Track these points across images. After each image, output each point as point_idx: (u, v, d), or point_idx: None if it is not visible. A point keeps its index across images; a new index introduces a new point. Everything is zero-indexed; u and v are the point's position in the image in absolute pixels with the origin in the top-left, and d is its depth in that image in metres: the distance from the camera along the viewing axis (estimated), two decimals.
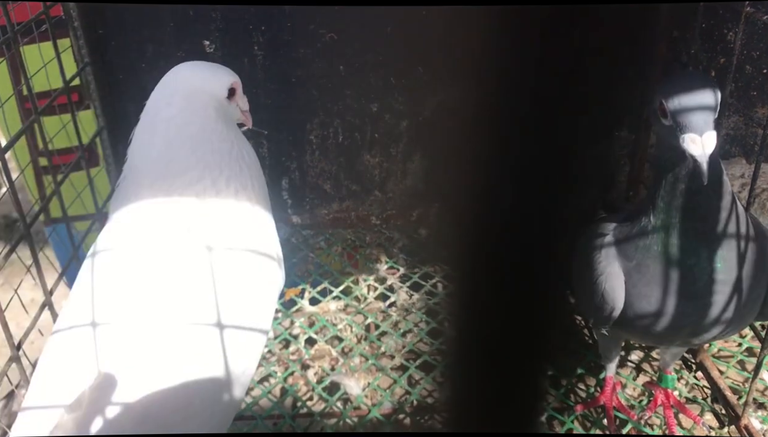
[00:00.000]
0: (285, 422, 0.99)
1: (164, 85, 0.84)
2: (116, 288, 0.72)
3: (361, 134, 1.29)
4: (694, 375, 1.06)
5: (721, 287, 0.77)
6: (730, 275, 0.76)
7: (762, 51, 1.19)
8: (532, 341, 0.31)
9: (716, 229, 0.76)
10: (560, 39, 0.23)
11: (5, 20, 0.91)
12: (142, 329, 0.68)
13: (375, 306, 1.19)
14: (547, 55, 0.23)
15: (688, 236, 0.76)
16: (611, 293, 0.81)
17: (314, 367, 1.08)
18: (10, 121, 1.22)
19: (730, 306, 0.78)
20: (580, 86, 0.24)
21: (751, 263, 0.78)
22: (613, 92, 0.24)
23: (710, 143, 0.70)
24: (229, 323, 0.70)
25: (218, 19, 1.20)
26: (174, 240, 0.73)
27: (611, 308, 0.82)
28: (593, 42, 0.23)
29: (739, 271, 0.77)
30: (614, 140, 1.22)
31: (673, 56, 1.20)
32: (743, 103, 1.23)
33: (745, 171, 1.27)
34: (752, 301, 0.80)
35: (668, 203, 0.77)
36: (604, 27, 0.22)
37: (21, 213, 0.90)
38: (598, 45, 0.23)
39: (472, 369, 0.32)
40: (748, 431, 0.94)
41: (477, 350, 0.31)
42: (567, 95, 0.24)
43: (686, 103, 0.71)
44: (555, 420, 0.98)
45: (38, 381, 0.70)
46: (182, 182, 0.76)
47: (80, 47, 1.17)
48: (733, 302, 0.78)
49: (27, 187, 1.40)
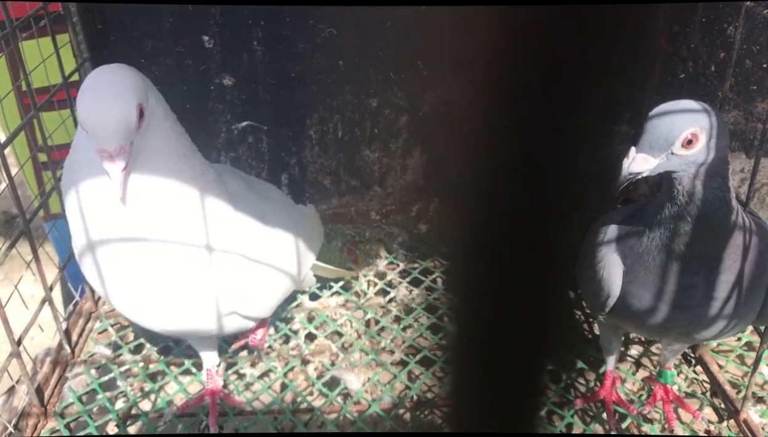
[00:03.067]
0: (285, 417, 0.99)
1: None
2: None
3: (360, 130, 1.29)
4: (694, 369, 1.06)
5: (714, 301, 0.77)
6: (724, 291, 0.77)
7: (762, 46, 1.19)
8: (532, 336, 0.31)
9: (710, 252, 0.76)
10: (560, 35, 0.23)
11: (4, 16, 0.91)
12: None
13: (375, 302, 1.19)
14: (546, 50, 0.23)
15: (680, 258, 0.77)
16: (608, 279, 0.83)
17: (314, 362, 1.08)
18: (10, 117, 1.22)
19: (723, 313, 0.78)
20: (579, 81, 0.24)
21: (750, 272, 0.78)
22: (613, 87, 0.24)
23: (638, 165, 0.73)
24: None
25: (217, 15, 1.19)
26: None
27: (607, 294, 0.84)
28: (593, 37, 0.23)
29: (735, 285, 0.77)
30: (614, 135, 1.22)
31: (673, 51, 1.19)
32: (743, 97, 1.23)
33: (745, 166, 1.27)
34: (750, 307, 0.80)
35: (663, 223, 0.77)
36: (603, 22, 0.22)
37: (21, 209, 0.90)
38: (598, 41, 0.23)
39: (472, 364, 0.32)
40: (747, 425, 0.94)
41: (476, 345, 0.32)
42: (566, 90, 0.24)
43: (650, 118, 0.74)
44: (554, 415, 0.98)
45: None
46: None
47: (79, 43, 1.17)
48: (727, 309, 0.78)
49: (26, 183, 1.40)
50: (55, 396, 1.00)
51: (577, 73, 0.24)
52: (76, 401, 1.00)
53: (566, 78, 0.24)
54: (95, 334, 1.12)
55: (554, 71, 0.24)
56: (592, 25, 0.23)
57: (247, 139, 1.31)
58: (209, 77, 1.25)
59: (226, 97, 1.27)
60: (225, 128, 1.30)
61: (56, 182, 1.03)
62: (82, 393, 1.01)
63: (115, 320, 1.14)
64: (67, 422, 0.97)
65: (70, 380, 1.03)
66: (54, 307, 1.00)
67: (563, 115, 0.25)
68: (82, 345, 1.09)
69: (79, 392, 1.01)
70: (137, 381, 1.04)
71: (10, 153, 1.11)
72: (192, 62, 1.24)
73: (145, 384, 1.04)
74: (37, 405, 0.96)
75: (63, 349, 1.06)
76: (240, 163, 1.33)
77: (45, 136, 1.08)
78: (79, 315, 1.13)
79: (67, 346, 1.06)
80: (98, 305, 1.16)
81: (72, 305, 1.20)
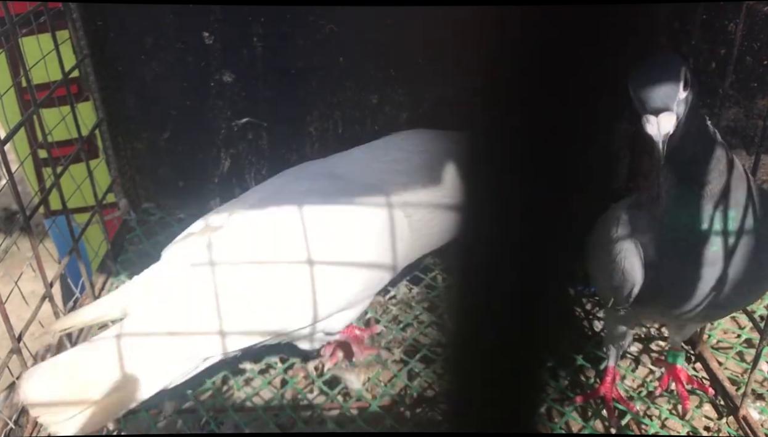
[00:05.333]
0: (285, 413, 0.99)
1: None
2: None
3: (361, 127, 1.29)
4: (693, 366, 1.06)
5: (736, 248, 0.77)
6: (741, 236, 0.77)
7: (762, 42, 1.19)
8: (532, 332, 0.31)
9: (720, 193, 0.76)
10: (560, 32, 0.23)
11: (3, 12, 0.90)
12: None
13: (375, 300, 1.19)
14: (546, 47, 0.23)
15: (696, 204, 0.77)
16: (631, 270, 0.82)
17: (314, 360, 1.08)
18: (10, 113, 1.22)
19: (747, 268, 0.78)
20: (580, 79, 0.24)
21: (763, 223, 0.78)
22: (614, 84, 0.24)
23: (666, 124, 0.71)
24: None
25: (217, 11, 1.19)
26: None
27: (632, 284, 0.83)
28: (594, 35, 0.23)
29: (752, 231, 0.77)
30: (614, 132, 1.22)
31: (674, 48, 1.19)
32: (743, 94, 1.23)
33: (745, 163, 1.26)
34: (759, 278, 0.81)
35: (670, 176, 0.77)
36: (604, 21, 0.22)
37: (21, 205, 0.90)
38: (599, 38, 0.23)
39: (472, 361, 0.33)
40: (746, 422, 0.94)
41: (477, 342, 0.32)
42: (567, 88, 0.24)
43: (645, 83, 0.72)
44: (554, 411, 0.98)
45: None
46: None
47: (79, 39, 1.17)
48: (749, 263, 0.78)
49: (26, 179, 1.40)
50: None
51: (578, 70, 0.24)
52: None
53: (567, 75, 0.24)
54: (95, 330, 1.12)
55: (555, 68, 0.23)
56: (592, 23, 0.22)
57: (247, 135, 1.31)
58: (209, 74, 1.25)
59: (226, 93, 1.26)
60: (225, 125, 1.29)
61: (56, 178, 1.03)
62: None
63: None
64: None
65: None
66: (54, 303, 1.00)
67: (564, 111, 0.25)
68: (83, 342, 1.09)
69: None
70: None
71: (10, 149, 1.11)
72: (192, 59, 1.24)
73: None
74: None
75: (63, 346, 1.06)
76: (240, 160, 1.33)
77: (45, 132, 1.08)
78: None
79: (67, 343, 1.06)
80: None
81: (72, 301, 1.20)
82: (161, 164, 1.34)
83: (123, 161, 1.31)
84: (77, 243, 1.09)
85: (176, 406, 0.99)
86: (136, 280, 0.96)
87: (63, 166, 1.08)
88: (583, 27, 0.22)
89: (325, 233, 0.94)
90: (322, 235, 0.93)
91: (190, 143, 1.32)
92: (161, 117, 1.29)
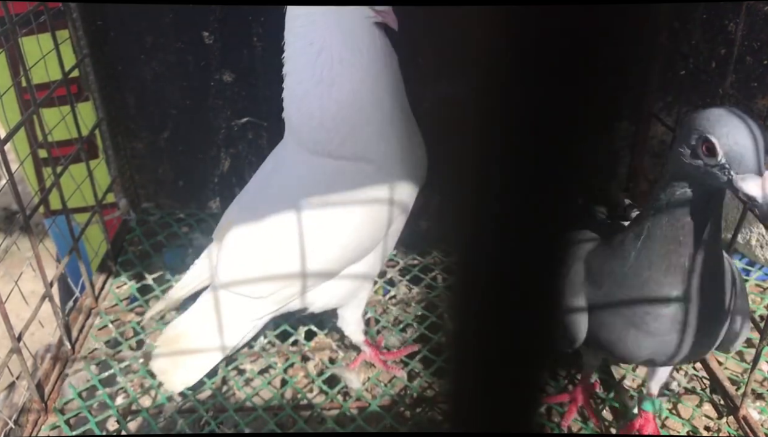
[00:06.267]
0: (285, 413, 0.99)
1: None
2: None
3: None
4: (693, 365, 1.06)
5: (684, 326, 0.76)
6: (693, 316, 0.76)
7: (763, 42, 1.19)
8: (532, 333, 0.31)
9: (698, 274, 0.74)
10: (560, 31, 0.23)
11: (3, 12, 0.90)
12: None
13: (374, 299, 1.19)
14: (546, 47, 0.23)
15: (668, 276, 0.74)
16: (573, 327, 0.81)
17: (314, 359, 1.08)
18: (9, 113, 1.22)
19: (687, 341, 0.77)
20: (580, 78, 0.24)
21: (717, 299, 0.77)
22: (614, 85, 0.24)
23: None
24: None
25: (217, 10, 1.19)
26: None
27: (573, 339, 0.82)
28: (594, 35, 0.23)
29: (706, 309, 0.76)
30: (614, 132, 1.22)
31: (674, 47, 1.19)
32: (744, 94, 1.23)
33: None
34: (713, 336, 0.80)
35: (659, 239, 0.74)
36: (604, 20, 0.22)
37: (21, 205, 0.90)
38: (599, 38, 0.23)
39: (471, 362, 0.32)
40: (746, 421, 0.94)
41: (476, 342, 0.32)
42: (567, 87, 0.24)
43: (742, 142, 0.67)
44: (554, 411, 0.98)
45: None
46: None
47: (79, 39, 1.17)
48: (691, 337, 0.77)
49: (26, 179, 1.40)
50: (56, 391, 1.00)
51: (578, 70, 0.24)
52: (76, 397, 1.00)
53: (567, 75, 0.24)
54: (95, 330, 1.12)
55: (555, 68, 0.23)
56: (592, 23, 0.22)
57: (247, 135, 1.31)
58: (209, 73, 1.25)
59: (226, 93, 1.26)
60: (225, 124, 1.29)
61: (56, 178, 1.03)
62: (83, 389, 1.02)
63: (115, 316, 1.14)
64: (67, 418, 0.97)
65: (70, 376, 1.03)
66: (54, 303, 1.00)
67: (564, 111, 0.25)
68: (82, 341, 1.09)
69: (80, 388, 1.01)
70: (137, 377, 1.04)
71: (10, 149, 1.11)
72: (192, 58, 1.24)
73: (145, 380, 1.04)
74: (38, 401, 0.96)
75: (63, 345, 1.06)
76: (240, 159, 1.33)
77: (45, 132, 1.08)
78: (79, 311, 1.13)
79: (67, 342, 1.06)
80: (98, 301, 1.16)
81: (72, 301, 1.20)
82: (161, 164, 1.34)
83: (123, 160, 1.31)
84: (77, 243, 1.09)
85: (176, 406, 0.99)
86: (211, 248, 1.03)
87: (63, 166, 1.08)
88: (583, 27, 0.22)
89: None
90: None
91: (190, 142, 1.32)
92: (161, 117, 1.29)
